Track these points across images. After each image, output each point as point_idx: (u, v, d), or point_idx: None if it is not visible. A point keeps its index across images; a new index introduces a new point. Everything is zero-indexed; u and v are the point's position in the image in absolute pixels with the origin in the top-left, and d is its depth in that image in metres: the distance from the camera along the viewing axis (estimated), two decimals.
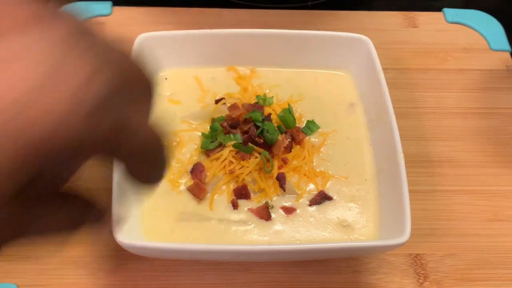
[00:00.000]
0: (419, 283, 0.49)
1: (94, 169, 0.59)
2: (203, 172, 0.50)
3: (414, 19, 0.70)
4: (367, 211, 0.49)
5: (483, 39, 0.68)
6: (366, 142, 0.53)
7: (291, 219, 0.48)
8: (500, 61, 0.66)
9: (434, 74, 0.64)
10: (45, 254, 0.49)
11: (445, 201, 0.54)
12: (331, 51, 0.57)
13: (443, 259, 0.51)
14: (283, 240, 0.47)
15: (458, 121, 0.60)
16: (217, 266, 0.49)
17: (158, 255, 0.46)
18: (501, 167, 0.57)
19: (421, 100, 0.62)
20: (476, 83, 0.64)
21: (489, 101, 0.62)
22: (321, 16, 0.69)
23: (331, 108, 0.56)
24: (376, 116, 0.52)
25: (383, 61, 0.53)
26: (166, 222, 0.47)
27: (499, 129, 0.60)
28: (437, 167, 0.56)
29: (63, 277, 0.48)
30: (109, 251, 0.49)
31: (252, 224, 0.48)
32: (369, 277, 0.49)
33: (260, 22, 0.67)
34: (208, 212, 0.48)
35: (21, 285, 0.47)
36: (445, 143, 0.58)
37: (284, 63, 0.57)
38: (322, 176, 0.51)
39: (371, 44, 0.54)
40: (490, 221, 0.53)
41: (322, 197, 0.49)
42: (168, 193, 0.49)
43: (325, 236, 0.47)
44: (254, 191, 0.49)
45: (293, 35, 0.56)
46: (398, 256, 0.50)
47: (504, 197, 0.55)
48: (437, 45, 0.67)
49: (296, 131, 0.52)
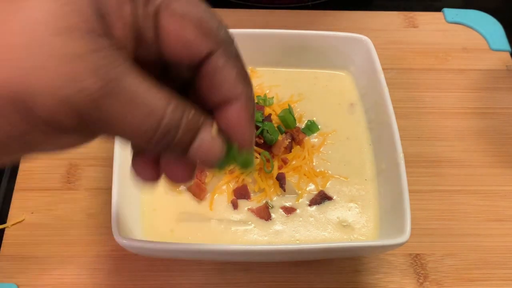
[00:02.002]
0: (419, 283, 0.49)
1: (94, 169, 0.59)
2: (203, 172, 0.50)
3: (414, 19, 0.70)
4: (367, 211, 0.49)
5: (483, 39, 0.68)
6: (366, 142, 0.53)
7: (291, 219, 0.48)
8: (500, 61, 0.66)
9: (434, 74, 0.64)
10: (45, 254, 0.49)
11: (445, 201, 0.54)
12: (331, 51, 0.57)
13: (443, 259, 0.51)
14: (283, 240, 0.47)
15: (458, 121, 0.60)
16: (217, 266, 0.49)
17: (158, 255, 0.46)
18: (501, 167, 0.57)
19: (421, 100, 0.62)
20: (476, 83, 0.64)
21: (489, 101, 0.62)
22: (321, 16, 0.69)
23: (331, 108, 0.56)
24: (376, 116, 0.52)
25: (383, 61, 0.53)
26: (166, 222, 0.47)
27: (499, 129, 0.60)
28: (437, 167, 0.56)
29: (63, 277, 0.48)
30: (109, 251, 0.49)
31: (252, 224, 0.48)
32: (369, 277, 0.49)
33: (260, 22, 0.67)
34: (208, 212, 0.48)
35: (21, 285, 0.47)
36: (445, 143, 0.58)
37: (284, 63, 0.57)
38: (322, 176, 0.51)
39: (371, 44, 0.54)
40: (490, 221, 0.53)
41: (322, 197, 0.49)
42: (168, 193, 0.49)
43: (325, 236, 0.47)
44: (254, 191, 0.49)
45: (293, 35, 0.56)
46: (398, 256, 0.50)
47: (504, 197, 0.55)
48: (437, 45, 0.67)
49: (296, 131, 0.52)
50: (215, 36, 0.27)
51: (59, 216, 0.51)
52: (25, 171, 0.54)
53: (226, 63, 0.27)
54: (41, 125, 0.23)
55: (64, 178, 0.54)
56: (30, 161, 0.55)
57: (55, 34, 0.22)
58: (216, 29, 0.27)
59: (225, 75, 0.27)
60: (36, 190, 0.53)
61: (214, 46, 0.26)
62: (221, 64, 0.27)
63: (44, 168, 0.54)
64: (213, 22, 0.27)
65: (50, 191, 0.53)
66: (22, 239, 0.50)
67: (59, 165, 0.55)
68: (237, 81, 0.27)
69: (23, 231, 0.50)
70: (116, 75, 0.23)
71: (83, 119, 0.23)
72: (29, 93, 0.22)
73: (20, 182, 0.54)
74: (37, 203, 0.52)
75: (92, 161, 0.55)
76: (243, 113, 0.28)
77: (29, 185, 0.53)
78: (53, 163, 0.55)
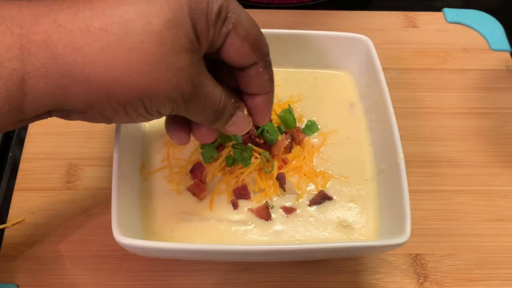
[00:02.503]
0: (419, 283, 0.49)
1: (94, 169, 0.59)
2: (203, 172, 0.50)
3: (414, 19, 0.70)
4: (367, 211, 0.49)
5: (483, 39, 0.68)
6: (366, 142, 0.53)
7: (291, 219, 0.48)
8: (500, 61, 0.66)
9: (434, 74, 0.64)
10: (45, 254, 0.49)
11: (445, 201, 0.54)
12: (331, 51, 0.57)
13: (443, 259, 0.51)
14: (283, 240, 0.47)
15: (458, 121, 0.60)
16: (217, 266, 0.49)
17: (158, 255, 0.46)
18: (501, 167, 0.57)
19: (421, 100, 0.62)
20: (476, 83, 0.64)
21: (489, 101, 0.62)
22: (321, 16, 0.69)
23: (331, 108, 0.56)
24: (376, 116, 0.52)
25: (383, 61, 0.53)
26: (166, 222, 0.47)
27: (499, 129, 0.60)
28: (437, 167, 0.56)
29: (63, 277, 0.48)
30: (109, 251, 0.49)
31: (252, 224, 0.48)
32: (369, 277, 0.49)
33: (260, 22, 0.67)
34: (208, 212, 0.48)
35: (21, 285, 0.47)
36: (445, 143, 0.58)
37: (284, 63, 0.57)
38: (322, 176, 0.51)
39: (371, 44, 0.54)
40: (490, 221, 0.53)
41: (322, 197, 0.49)
42: (168, 193, 0.49)
43: (325, 236, 0.47)
44: (254, 191, 0.49)
45: (293, 35, 0.56)
46: (398, 256, 0.50)
47: (504, 197, 0.55)
48: (437, 45, 0.67)
49: (296, 131, 0.52)
50: (261, 51, 0.39)
51: (59, 216, 0.51)
52: (25, 171, 0.54)
53: (264, 70, 0.39)
54: (153, 112, 0.36)
55: (64, 178, 0.54)
56: (30, 161, 0.55)
57: (171, 54, 0.33)
58: (263, 47, 0.39)
59: (262, 78, 0.40)
60: (36, 190, 0.53)
61: (259, 58, 0.39)
62: (261, 71, 0.39)
63: (44, 168, 0.54)
64: (262, 41, 0.39)
65: (50, 191, 0.53)
66: (22, 239, 0.50)
67: (59, 165, 0.55)
68: (268, 82, 0.40)
69: (23, 231, 0.50)
70: (200, 80, 0.35)
71: (176, 110, 0.36)
72: (149, 95, 0.34)
73: (20, 182, 0.54)
74: (37, 203, 0.52)
75: (92, 161, 0.55)
76: (267, 103, 0.42)
77: (29, 185, 0.53)
78: (53, 163, 0.55)
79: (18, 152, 0.56)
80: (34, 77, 0.32)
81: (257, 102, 0.42)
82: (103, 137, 0.57)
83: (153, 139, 0.52)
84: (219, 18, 0.35)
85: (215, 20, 0.35)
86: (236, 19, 0.36)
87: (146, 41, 0.32)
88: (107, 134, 0.57)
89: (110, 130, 0.57)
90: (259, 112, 0.42)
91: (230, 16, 0.36)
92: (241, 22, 0.37)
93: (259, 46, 0.38)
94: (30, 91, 0.32)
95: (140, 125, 0.52)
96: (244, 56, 0.38)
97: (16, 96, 0.32)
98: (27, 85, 0.32)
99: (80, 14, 0.32)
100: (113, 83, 0.33)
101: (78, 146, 0.56)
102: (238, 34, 0.37)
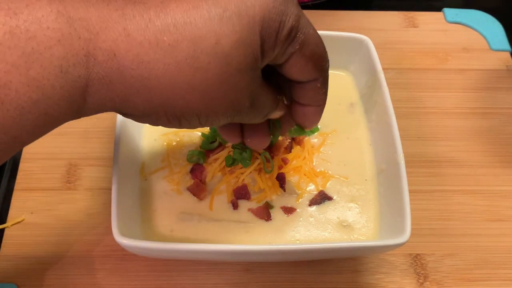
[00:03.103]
0: (419, 283, 0.49)
1: (94, 169, 0.59)
2: (203, 172, 0.50)
3: (414, 19, 0.70)
4: (367, 211, 0.49)
5: (483, 39, 0.68)
6: (366, 142, 0.53)
7: (291, 219, 0.48)
8: (500, 61, 0.66)
9: (434, 74, 0.64)
10: (45, 254, 0.49)
11: (445, 201, 0.54)
12: (331, 51, 0.55)
13: (443, 259, 0.51)
14: (283, 240, 0.47)
15: (458, 121, 0.60)
16: (217, 266, 0.49)
17: (158, 255, 0.46)
18: (501, 167, 0.57)
19: (421, 100, 0.62)
20: (476, 83, 0.64)
21: (489, 101, 0.62)
22: (321, 16, 0.69)
23: (331, 108, 0.55)
24: (376, 116, 0.52)
25: (383, 61, 0.53)
26: (166, 222, 0.47)
27: (499, 129, 0.60)
28: (437, 167, 0.56)
29: (63, 277, 0.48)
30: (109, 251, 0.49)
31: (252, 224, 0.48)
32: (369, 277, 0.49)
33: None
34: (208, 212, 0.48)
35: (21, 285, 0.47)
36: (445, 143, 0.58)
37: None
38: (322, 176, 0.51)
39: (371, 44, 0.54)
40: (490, 221, 0.53)
41: (322, 197, 0.49)
42: (168, 193, 0.49)
43: (325, 236, 0.47)
44: (254, 191, 0.49)
45: None
46: (398, 256, 0.50)
47: (504, 197, 0.55)
48: (437, 45, 0.67)
49: None
50: (322, 69, 0.38)
51: (59, 216, 0.51)
52: (25, 171, 0.54)
53: (321, 85, 0.39)
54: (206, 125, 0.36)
55: (64, 178, 0.54)
56: (30, 161, 0.55)
57: (235, 74, 0.33)
58: (325, 64, 0.38)
59: (318, 92, 0.40)
60: (36, 190, 0.53)
61: (319, 76, 0.38)
62: (318, 86, 0.39)
63: (44, 168, 0.54)
64: (325, 58, 0.38)
65: (50, 191, 0.53)
66: (22, 239, 0.50)
67: (59, 165, 0.55)
68: (323, 97, 0.40)
69: (23, 231, 0.50)
70: (257, 93, 0.36)
71: (229, 121, 0.37)
72: (206, 112, 0.34)
73: (20, 182, 0.54)
74: (37, 203, 0.52)
75: (92, 161, 0.55)
76: (318, 114, 0.42)
77: (29, 185, 0.53)
78: (53, 163, 0.55)
79: (18, 152, 0.56)
80: (96, 85, 0.31)
81: (307, 111, 0.41)
82: (103, 137, 0.57)
83: (153, 139, 0.52)
84: (288, 38, 0.35)
85: (284, 41, 0.35)
86: (303, 40, 0.35)
87: (213, 61, 0.32)
88: (107, 134, 0.57)
89: (110, 130, 0.57)
90: (306, 120, 0.42)
91: (298, 36, 0.35)
92: (308, 42, 0.36)
93: (322, 64, 0.38)
94: (90, 98, 0.32)
95: (140, 125, 0.52)
96: (305, 74, 0.38)
97: (78, 102, 0.31)
98: (89, 92, 0.31)
99: (151, 25, 0.31)
100: (174, 98, 0.33)
101: (78, 146, 0.56)
102: (303, 54, 0.36)
